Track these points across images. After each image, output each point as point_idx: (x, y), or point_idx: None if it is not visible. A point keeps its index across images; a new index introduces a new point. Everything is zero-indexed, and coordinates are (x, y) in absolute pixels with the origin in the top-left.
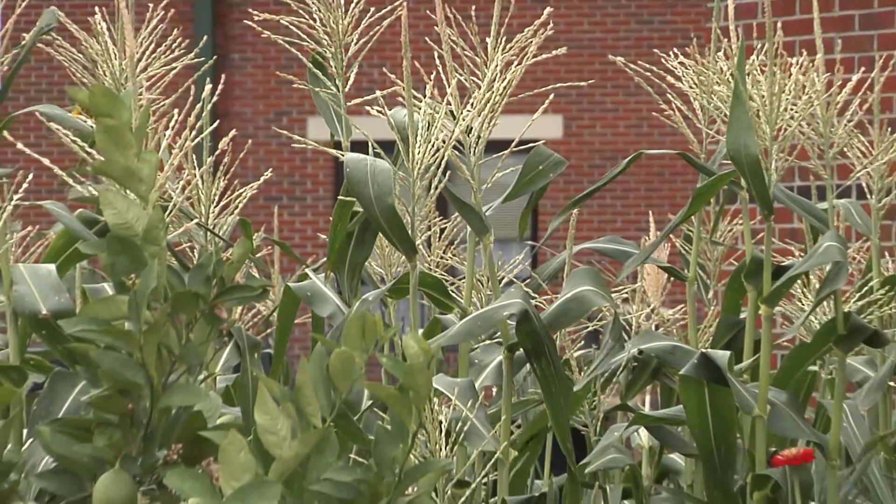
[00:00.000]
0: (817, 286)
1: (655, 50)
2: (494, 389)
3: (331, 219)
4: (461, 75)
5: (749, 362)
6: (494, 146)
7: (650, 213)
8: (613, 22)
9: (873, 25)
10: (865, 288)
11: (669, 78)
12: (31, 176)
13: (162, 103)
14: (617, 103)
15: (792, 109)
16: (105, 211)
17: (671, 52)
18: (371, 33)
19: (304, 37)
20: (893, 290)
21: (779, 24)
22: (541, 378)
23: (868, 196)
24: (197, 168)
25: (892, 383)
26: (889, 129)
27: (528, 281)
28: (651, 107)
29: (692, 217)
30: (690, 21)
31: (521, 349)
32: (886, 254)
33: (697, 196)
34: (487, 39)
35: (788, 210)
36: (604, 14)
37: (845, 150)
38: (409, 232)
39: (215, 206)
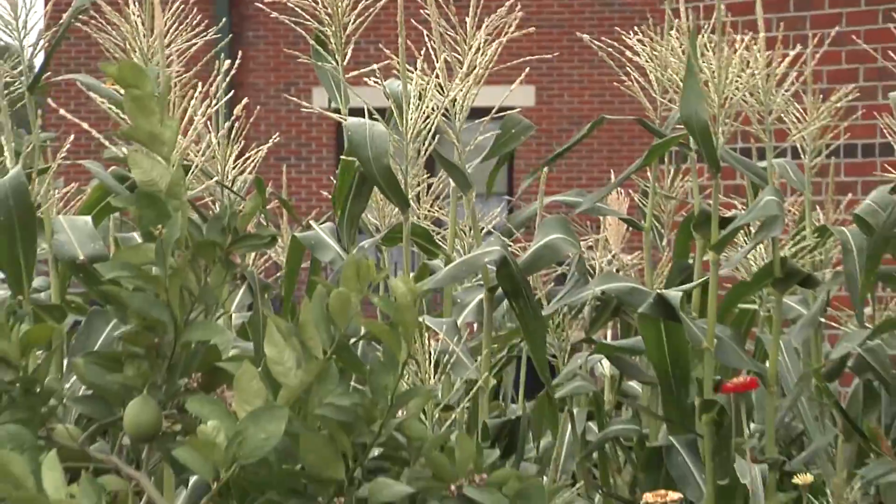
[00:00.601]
0: (753, 228)
1: (616, 28)
2: (475, 325)
3: (333, 176)
4: (446, 52)
5: (697, 301)
6: (476, 113)
7: (611, 171)
8: (579, 4)
9: (806, 7)
10: (799, 236)
11: (629, 53)
12: (71, 138)
13: (184, 76)
14: (582, 75)
15: (737, 81)
16: (133, 170)
17: (631, 31)
18: (366, 14)
19: (309, 17)
20: (823, 238)
21: (724, 6)
22: (518, 315)
23: (802, 156)
24: (215, 132)
25: (822, 319)
26: (821, 98)
27: (504, 230)
28: (613, 78)
29: (649, 175)
30: (647, 3)
31: (501, 290)
32: (817, 207)
33: (651, 151)
34: (468, 19)
35: (732, 168)
36: None
37: (782, 116)
38: (403, 188)
39: (231, 166)
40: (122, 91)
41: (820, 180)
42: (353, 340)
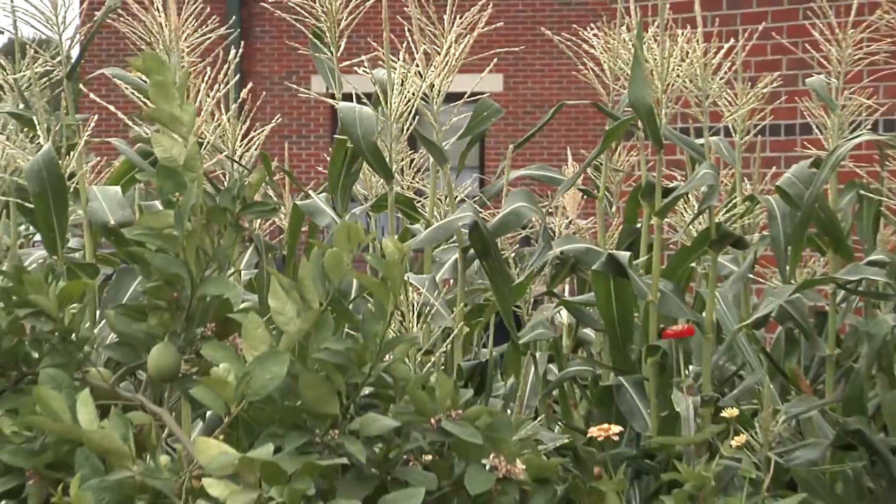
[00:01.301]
0: (695, 203)
1: (574, 25)
2: (451, 281)
3: (328, 153)
4: (426, 45)
5: (643, 260)
6: (451, 98)
7: (568, 148)
8: (541, 3)
9: (737, 6)
10: (730, 204)
11: (585, 46)
12: (96, 118)
13: (200, 66)
14: (544, 65)
15: (678, 70)
16: (155, 147)
17: (587, 27)
18: (357, 12)
19: (308, 15)
20: (751, 206)
21: (668, 5)
22: (488, 272)
23: (733, 134)
24: (226, 113)
25: (750, 276)
26: (749, 85)
27: (476, 199)
28: (571, 68)
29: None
30: (602, 2)
31: (473, 251)
32: (746, 179)
33: (608, 135)
34: (445, 16)
35: (674, 145)
36: None
37: (716, 100)
38: (388, 162)
39: (239, 143)
40: (147, 79)
41: (749, 155)
42: (352, 298)
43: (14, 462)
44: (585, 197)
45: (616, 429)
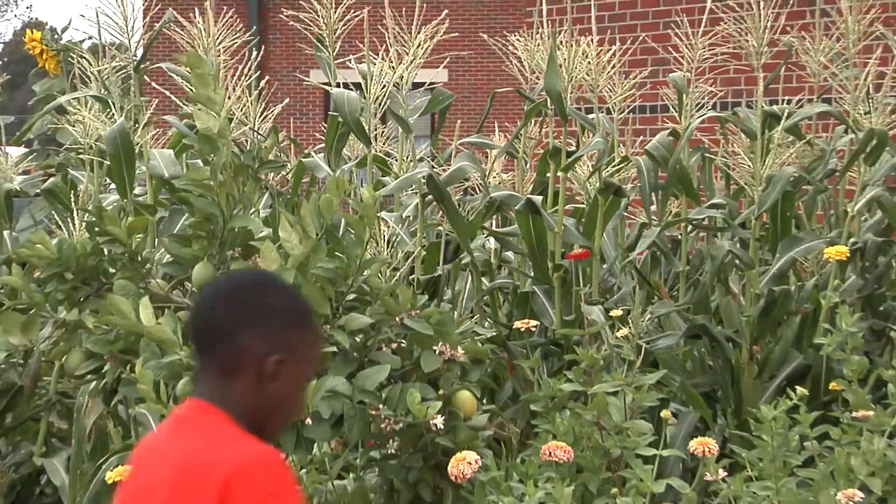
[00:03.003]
0: (590, 164)
1: (503, 31)
2: (413, 217)
3: (324, 125)
4: (397, 47)
5: (553, 204)
6: (415, 86)
7: (495, 122)
8: (479, 16)
9: (615, 20)
10: (613, 163)
11: (511, 48)
12: (156, 101)
13: (230, 62)
14: (479, 62)
15: (580, 65)
16: (197, 121)
17: (514, 33)
18: (347, 24)
19: (311, 24)
20: (626, 164)
21: (572, 18)
22: (445, 211)
23: (613, 112)
24: (248, 97)
25: (625, 214)
26: (625, 76)
27: (434, 160)
28: (499, 64)
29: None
30: (526, 15)
31: (430, 196)
32: (622, 144)
33: (528, 114)
34: (412, 26)
35: (574, 120)
36: (472, 11)
37: (605, 89)
38: (367, 132)
39: (258, 118)
40: (191, 72)
41: (624, 128)
42: (340, 230)
43: (96, 349)
44: (508, 156)
45: (534, 322)
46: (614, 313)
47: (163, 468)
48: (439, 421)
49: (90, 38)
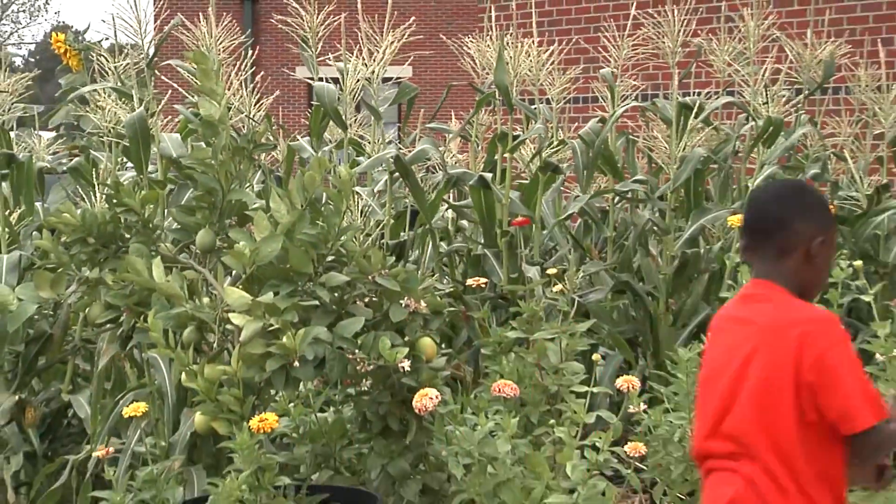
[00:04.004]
0: (532, 146)
1: (458, 34)
2: (383, 192)
3: (308, 113)
4: (370, 47)
5: (501, 180)
6: (385, 80)
7: (452, 111)
8: (438, 17)
9: (553, 24)
10: (551, 146)
11: (466, 48)
12: (169, 92)
13: (229, 59)
14: (439, 60)
15: (524, 63)
16: (200, 109)
17: (469, 35)
18: (327, 27)
19: (297, 28)
20: (563, 146)
21: (517, 23)
22: (409, 187)
23: (552, 103)
24: (244, 89)
25: (562, 188)
26: (562, 72)
27: (400, 143)
28: (457, 62)
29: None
30: (479, 21)
31: (398, 172)
32: (561, 130)
33: (478, 103)
34: (383, 29)
35: (519, 109)
36: (433, 17)
37: (545, 83)
38: (344, 119)
39: (253, 107)
40: (196, 66)
41: (561, 116)
42: (321, 202)
43: (114, 301)
44: (462, 140)
45: (483, 280)
46: (551, 272)
47: (746, 328)
48: (406, 364)
49: (107, 38)
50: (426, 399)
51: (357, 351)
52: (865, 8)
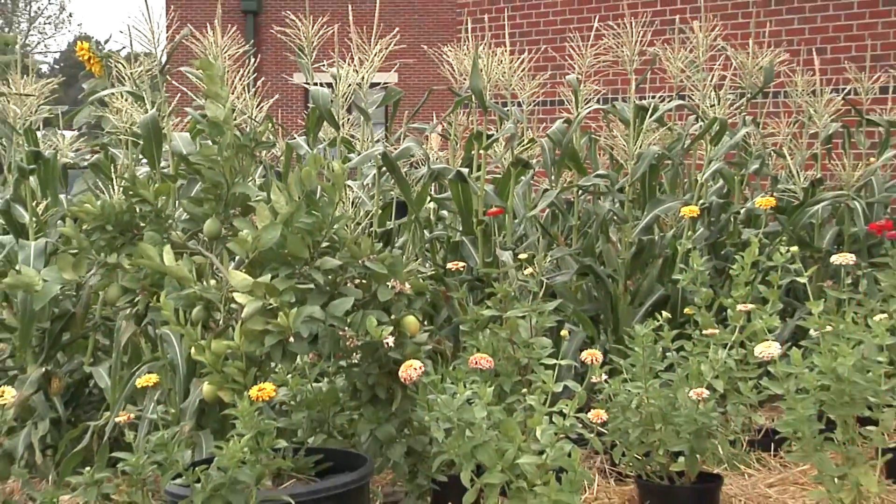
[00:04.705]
0: (504, 144)
1: (438, 44)
2: (372, 185)
3: (304, 115)
4: (360, 55)
5: (477, 174)
6: (373, 85)
7: (434, 113)
8: (420, 29)
9: (524, 36)
10: (522, 144)
11: (445, 56)
12: (178, 96)
13: (232, 66)
14: (421, 67)
15: (497, 70)
16: (207, 111)
17: (447, 46)
18: (321, 37)
19: (294, 38)
20: (533, 144)
21: (490, 35)
22: (396, 180)
23: (523, 105)
24: (247, 92)
25: (532, 183)
26: (531, 78)
27: (387, 141)
28: (437, 69)
29: (453, 115)
30: (455, 33)
31: (385, 167)
32: (530, 129)
33: (456, 105)
34: (371, 39)
35: (493, 110)
36: (416, 29)
37: (516, 87)
38: (337, 120)
39: (255, 109)
40: (203, 73)
41: (531, 117)
42: (317, 195)
43: (130, 283)
44: (442, 139)
45: (462, 264)
46: (522, 256)
47: None
48: (391, 339)
49: (125, 47)
50: (410, 370)
51: (347, 328)
52: (801, 21)
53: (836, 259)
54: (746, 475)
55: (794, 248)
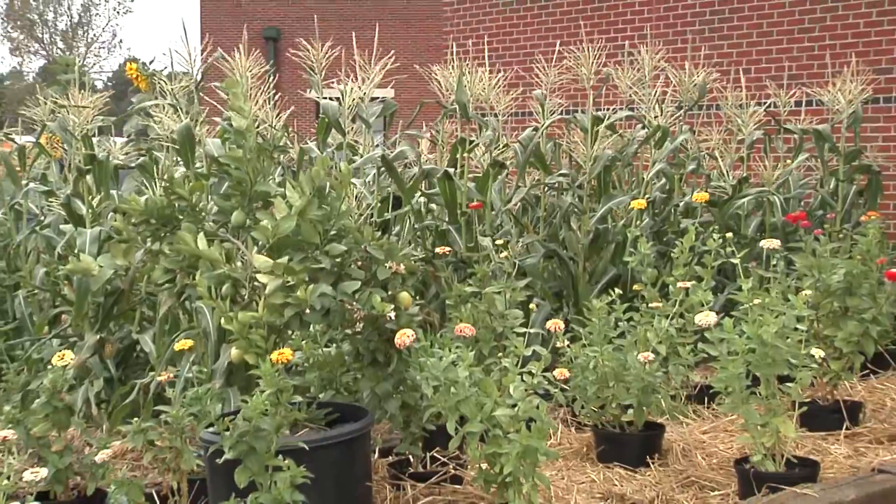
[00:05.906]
0: (483, 148)
1: (428, 64)
2: (373, 182)
3: (315, 125)
4: (363, 74)
5: (461, 173)
6: (373, 99)
7: (424, 122)
8: (413, 51)
9: (500, 57)
10: (498, 148)
11: (434, 75)
12: (207, 109)
13: (255, 84)
14: (414, 84)
15: (478, 86)
16: (233, 121)
17: (436, 66)
18: (329, 59)
19: (307, 59)
20: (507, 149)
21: (472, 57)
22: (393, 179)
23: (499, 116)
24: (268, 105)
25: (505, 181)
26: (507, 92)
27: (385, 145)
28: (428, 85)
29: (440, 124)
30: (442, 56)
31: (383, 168)
32: (505, 136)
33: (443, 115)
34: (372, 60)
35: (474, 120)
36: (410, 51)
37: (493, 101)
38: (343, 128)
39: (274, 119)
40: (230, 90)
41: (505, 125)
42: (327, 192)
43: (170, 265)
44: (432, 144)
45: (448, 249)
46: (499, 242)
47: None
48: (393, 314)
49: (166, 67)
50: (405, 337)
51: (354, 303)
52: (730, 46)
53: (764, 244)
54: (685, 424)
55: (729, 235)
